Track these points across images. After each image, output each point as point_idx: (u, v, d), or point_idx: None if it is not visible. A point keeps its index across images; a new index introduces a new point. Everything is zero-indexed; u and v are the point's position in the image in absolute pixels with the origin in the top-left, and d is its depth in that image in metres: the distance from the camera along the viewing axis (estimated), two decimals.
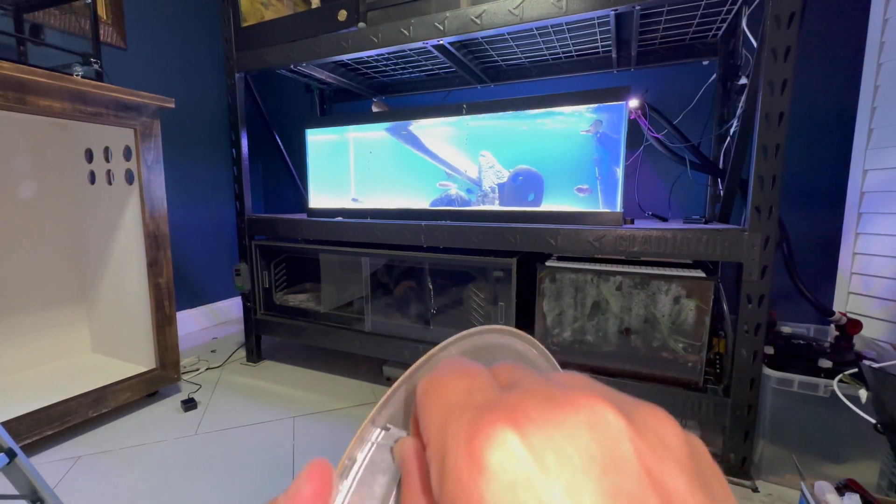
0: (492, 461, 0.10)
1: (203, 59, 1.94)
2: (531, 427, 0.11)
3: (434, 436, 0.12)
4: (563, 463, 0.10)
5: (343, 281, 1.49)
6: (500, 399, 0.12)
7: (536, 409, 0.11)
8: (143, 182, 1.21)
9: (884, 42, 1.18)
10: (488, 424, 0.11)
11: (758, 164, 0.89)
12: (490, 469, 0.10)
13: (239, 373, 1.51)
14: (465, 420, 0.12)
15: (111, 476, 0.97)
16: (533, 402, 0.12)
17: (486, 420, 0.11)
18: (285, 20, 1.35)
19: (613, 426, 0.11)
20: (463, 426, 0.12)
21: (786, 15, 0.85)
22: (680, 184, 1.46)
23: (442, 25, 1.12)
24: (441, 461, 0.12)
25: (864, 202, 1.23)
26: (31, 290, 1.32)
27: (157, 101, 1.19)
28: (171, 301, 1.29)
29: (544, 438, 0.11)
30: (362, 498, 0.15)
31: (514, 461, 0.10)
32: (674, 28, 1.23)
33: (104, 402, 1.16)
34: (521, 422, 0.11)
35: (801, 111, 1.30)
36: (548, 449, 0.10)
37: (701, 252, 0.96)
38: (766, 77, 0.87)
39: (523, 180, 1.19)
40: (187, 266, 1.92)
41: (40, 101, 0.99)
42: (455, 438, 0.11)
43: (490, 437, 0.11)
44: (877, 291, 1.20)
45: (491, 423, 0.11)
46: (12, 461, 0.66)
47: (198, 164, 1.95)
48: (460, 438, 0.11)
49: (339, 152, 1.43)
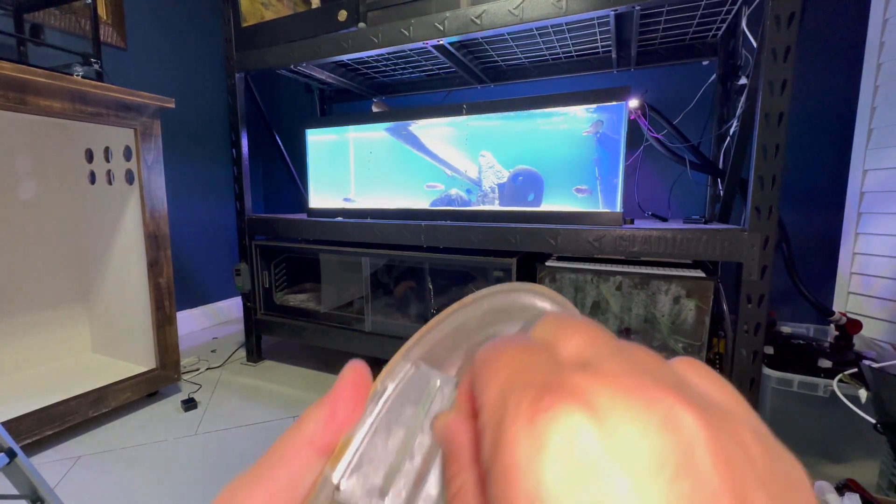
0: (556, 439, 0.10)
1: (203, 60, 1.94)
2: (602, 413, 0.10)
3: (491, 402, 0.12)
4: (633, 459, 0.09)
5: (343, 281, 1.49)
6: (570, 377, 0.11)
7: (609, 395, 0.10)
8: (143, 182, 1.21)
9: (883, 42, 1.18)
10: (556, 400, 0.10)
11: (758, 164, 0.89)
12: (553, 447, 0.10)
13: (239, 373, 1.51)
14: (531, 392, 0.11)
15: (111, 476, 0.97)
16: (606, 387, 0.11)
17: (554, 395, 0.10)
18: (285, 20, 1.35)
19: (689, 430, 0.10)
20: (527, 397, 0.11)
21: (785, 15, 0.85)
22: (680, 184, 1.47)
23: (442, 26, 1.12)
24: (496, 430, 0.11)
25: (864, 202, 1.23)
26: (31, 290, 1.32)
27: (157, 101, 1.19)
28: (171, 301, 1.29)
29: (615, 428, 0.10)
30: (390, 422, 0.15)
31: (581, 444, 0.09)
32: (674, 28, 1.23)
33: (104, 402, 1.16)
34: (592, 405, 0.10)
35: (801, 111, 1.30)
36: (618, 440, 0.10)
37: (701, 252, 0.96)
38: (765, 77, 0.87)
39: (523, 180, 1.19)
40: (187, 266, 1.93)
41: (41, 102, 0.99)
42: (516, 408, 0.11)
43: (557, 413, 0.10)
44: (876, 291, 1.20)
45: (559, 400, 0.10)
46: (12, 461, 0.66)
47: (198, 165, 1.95)
48: (522, 408, 0.11)
49: (340, 152, 1.44)
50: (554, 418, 0.10)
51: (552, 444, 0.10)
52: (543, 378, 0.11)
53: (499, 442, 0.10)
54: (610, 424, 0.10)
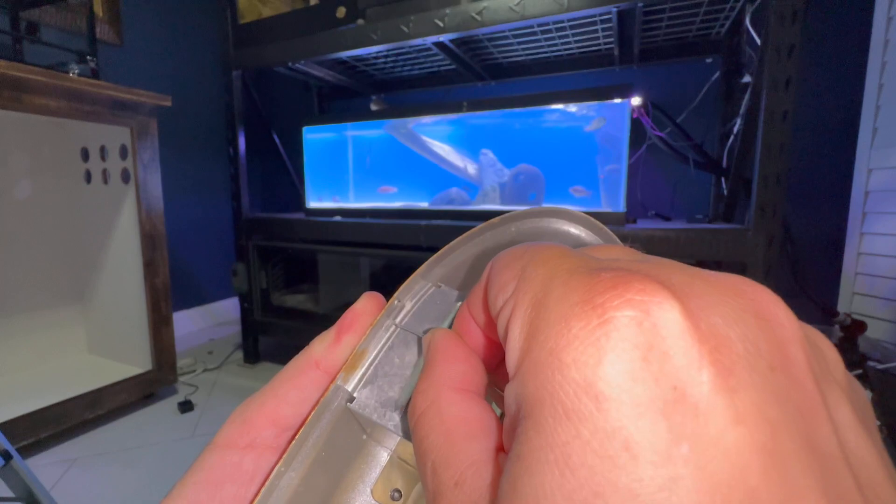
0: (622, 315, 0.08)
1: (200, 57, 1.92)
2: (680, 293, 0.08)
3: (522, 290, 0.10)
4: (722, 345, 0.08)
5: (342, 281, 1.47)
6: (633, 265, 0.09)
7: (685, 278, 0.09)
8: (139, 181, 1.19)
9: (888, 40, 1.17)
10: (623, 280, 0.08)
11: (762, 162, 0.88)
12: (616, 325, 0.08)
13: (236, 374, 1.50)
14: (583, 275, 0.09)
15: (108, 478, 0.96)
16: (679, 272, 0.09)
17: (620, 276, 0.08)
18: (283, 17, 1.33)
19: (785, 325, 0.08)
20: (580, 279, 0.09)
21: (790, 12, 0.84)
22: (683, 183, 1.45)
23: (442, 22, 1.11)
24: (534, 313, 0.09)
25: (869, 201, 1.22)
26: (25, 290, 1.30)
27: (153, 99, 1.17)
28: (167, 302, 1.28)
29: (701, 309, 0.08)
30: (407, 338, 0.15)
31: (655, 322, 0.08)
32: (677, 25, 1.22)
33: (100, 404, 1.15)
34: (666, 284, 0.08)
35: (806, 109, 1.28)
36: (704, 321, 0.08)
37: (704, 252, 0.95)
38: (769, 75, 0.86)
39: (525, 179, 1.18)
40: (184, 266, 1.91)
41: (36, 100, 0.97)
42: (565, 288, 0.09)
43: (625, 290, 0.08)
44: (882, 292, 1.19)
45: (626, 279, 0.08)
46: (8, 463, 0.65)
47: (195, 163, 1.93)
48: (572, 285, 0.09)
49: (338, 151, 1.42)
50: (625, 290, 0.08)
51: (617, 320, 0.08)
52: (589, 266, 0.09)
53: (537, 326, 0.09)
54: (696, 305, 0.08)
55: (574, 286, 0.09)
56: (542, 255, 0.10)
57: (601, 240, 0.15)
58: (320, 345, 0.15)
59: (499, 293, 0.11)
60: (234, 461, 0.14)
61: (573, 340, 0.08)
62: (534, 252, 0.11)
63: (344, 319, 0.16)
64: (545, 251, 0.10)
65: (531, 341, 0.09)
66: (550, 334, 0.08)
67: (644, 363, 0.08)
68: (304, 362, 0.15)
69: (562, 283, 0.09)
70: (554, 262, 0.10)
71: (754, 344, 0.08)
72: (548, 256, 0.10)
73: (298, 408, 0.15)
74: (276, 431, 0.15)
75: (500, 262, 0.12)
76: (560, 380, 0.08)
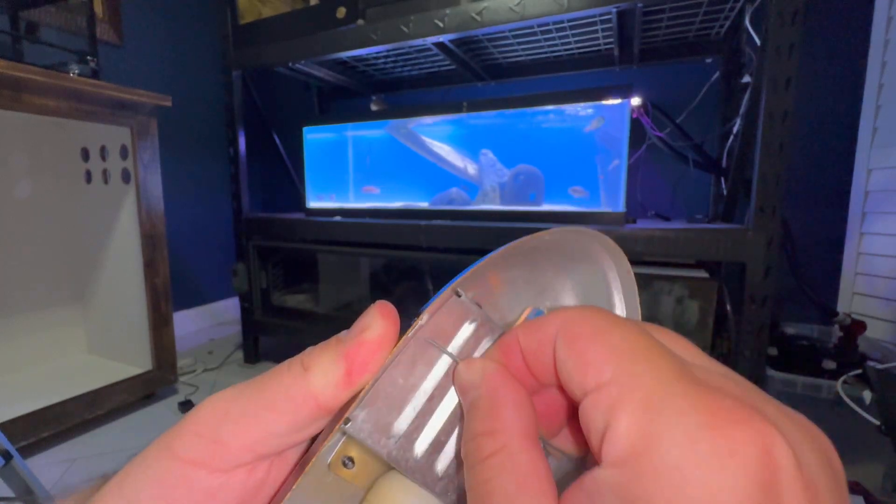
0: (748, 451, 0.09)
1: (200, 57, 1.92)
2: (784, 433, 0.09)
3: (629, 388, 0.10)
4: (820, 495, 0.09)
5: (342, 281, 1.47)
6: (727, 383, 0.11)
7: (774, 412, 0.10)
8: (139, 181, 1.19)
9: (888, 40, 1.17)
10: (745, 415, 0.09)
11: (761, 162, 0.88)
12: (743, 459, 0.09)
13: (237, 374, 1.50)
14: (699, 392, 0.10)
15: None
16: (768, 404, 0.10)
17: (740, 409, 0.09)
18: (283, 17, 1.33)
19: (838, 466, 0.10)
20: (699, 398, 0.10)
21: (789, 12, 0.84)
22: (683, 183, 1.45)
23: (442, 22, 1.11)
24: (647, 421, 0.10)
25: (869, 201, 1.22)
26: (25, 290, 1.30)
27: (153, 99, 1.17)
28: (167, 301, 1.28)
29: (800, 452, 0.09)
30: (416, 356, 0.14)
31: (775, 464, 0.09)
32: (677, 25, 1.22)
33: (100, 404, 1.15)
34: (774, 423, 0.09)
35: (805, 109, 1.28)
36: (805, 466, 0.09)
37: (704, 252, 0.95)
38: (769, 75, 0.86)
39: (524, 179, 1.18)
40: (184, 266, 1.91)
41: (36, 100, 0.97)
42: (684, 399, 0.10)
43: (748, 425, 0.09)
44: (881, 292, 1.19)
45: (748, 415, 0.09)
46: (8, 463, 0.65)
47: (195, 163, 1.93)
48: (692, 401, 0.10)
49: (338, 151, 1.42)
50: (749, 432, 0.09)
51: (750, 461, 0.09)
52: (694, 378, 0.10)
53: (655, 436, 0.09)
54: (797, 451, 0.09)
55: (694, 404, 0.10)
56: (637, 344, 0.11)
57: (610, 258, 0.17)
58: (323, 379, 0.13)
59: (587, 371, 0.11)
60: (201, 484, 0.13)
61: (701, 464, 0.09)
62: (624, 334, 0.11)
63: (356, 354, 0.13)
64: (638, 340, 0.11)
65: (649, 446, 0.09)
66: (674, 449, 0.09)
67: (762, 497, 0.09)
68: (299, 393, 0.13)
69: (680, 396, 0.10)
70: (657, 361, 0.11)
71: (829, 485, 0.09)
72: (646, 350, 0.11)
73: (284, 438, 0.13)
74: (253, 457, 0.13)
75: (579, 328, 0.12)
76: (682, 495, 0.09)
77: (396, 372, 0.13)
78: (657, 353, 0.11)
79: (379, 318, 0.14)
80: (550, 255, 0.16)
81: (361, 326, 0.14)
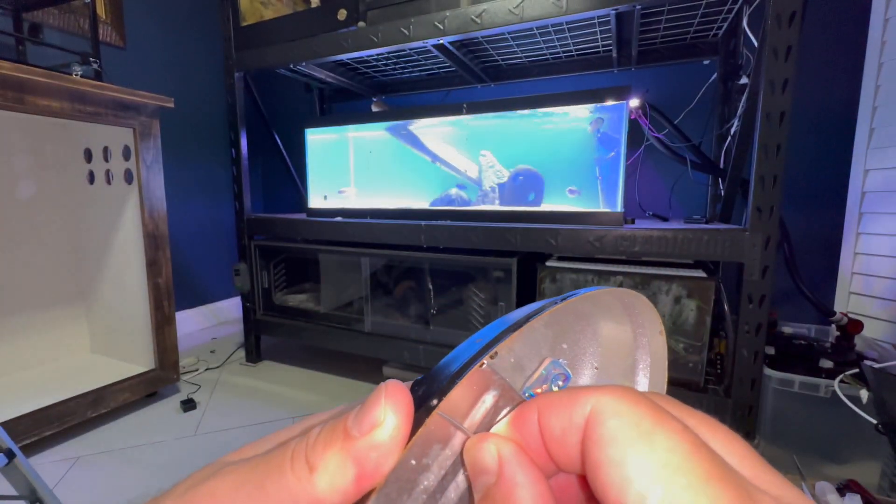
0: None
1: (202, 59, 1.93)
2: None
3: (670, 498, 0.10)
4: None
5: (343, 281, 1.48)
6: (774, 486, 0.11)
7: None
8: (142, 182, 1.20)
9: (885, 41, 1.18)
10: None
11: (759, 163, 0.89)
12: None
13: (238, 373, 1.51)
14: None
15: (110, 476, 0.97)
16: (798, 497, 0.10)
17: None
18: (285, 19, 1.34)
19: None
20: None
21: (787, 14, 0.84)
22: (681, 183, 1.46)
23: (442, 25, 1.12)
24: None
25: (865, 202, 1.23)
26: (29, 290, 1.31)
27: (156, 100, 1.18)
28: (170, 301, 1.29)
29: None
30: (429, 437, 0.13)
31: None
32: (675, 27, 1.23)
33: (103, 403, 1.16)
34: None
35: (802, 111, 1.29)
36: None
37: (702, 252, 0.96)
38: (766, 76, 0.87)
39: (524, 180, 1.19)
40: (186, 266, 1.92)
41: (39, 101, 0.98)
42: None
43: None
44: (878, 291, 1.20)
45: None
46: (11, 461, 0.65)
47: (197, 164, 1.94)
48: None
49: (339, 152, 1.43)
50: None
51: None
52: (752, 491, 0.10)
53: None
54: None
55: None
56: (689, 460, 0.10)
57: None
58: (331, 485, 0.12)
59: (629, 488, 0.10)
60: None
61: None
62: (672, 443, 0.10)
63: (367, 458, 0.12)
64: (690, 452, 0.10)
65: None
66: None
67: None
68: (303, 499, 0.12)
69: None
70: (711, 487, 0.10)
71: None
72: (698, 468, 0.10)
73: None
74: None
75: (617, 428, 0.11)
76: None
77: (409, 454, 0.12)
78: (711, 472, 0.10)
79: (391, 412, 0.12)
80: (575, 304, 0.16)
81: (372, 421, 0.12)
